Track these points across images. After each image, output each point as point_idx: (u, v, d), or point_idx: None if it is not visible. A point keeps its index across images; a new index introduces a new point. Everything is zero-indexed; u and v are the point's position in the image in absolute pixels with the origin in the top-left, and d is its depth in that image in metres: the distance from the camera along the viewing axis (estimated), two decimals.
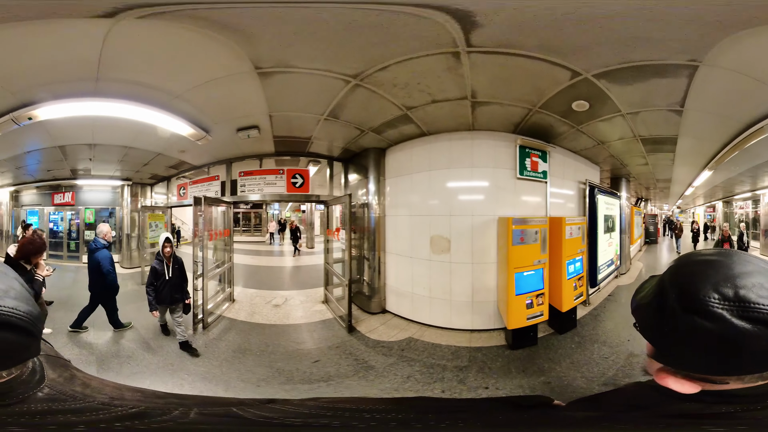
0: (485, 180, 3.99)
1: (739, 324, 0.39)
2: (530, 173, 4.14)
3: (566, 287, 3.88)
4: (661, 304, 0.44)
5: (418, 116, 3.28)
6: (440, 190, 4.00)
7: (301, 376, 2.79)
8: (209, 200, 4.30)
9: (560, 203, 4.61)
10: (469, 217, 3.86)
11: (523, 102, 3.05)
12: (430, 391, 2.66)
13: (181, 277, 3.50)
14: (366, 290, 4.42)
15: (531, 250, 3.64)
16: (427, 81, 2.50)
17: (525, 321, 3.49)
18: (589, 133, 3.87)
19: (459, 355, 3.27)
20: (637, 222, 9.72)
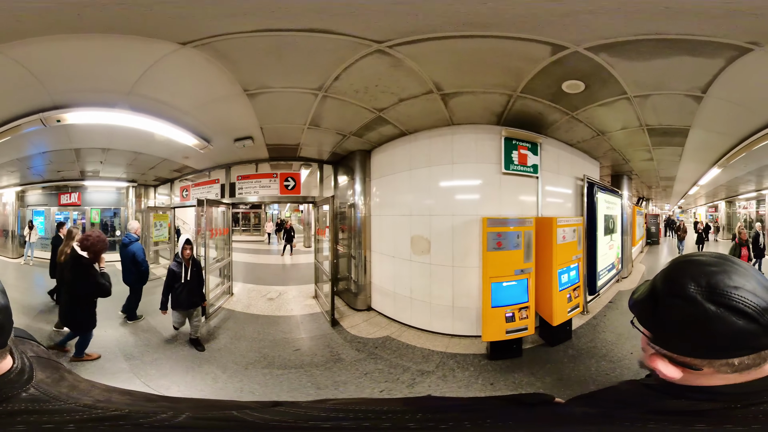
0: (466, 176, 3.88)
1: (708, 306, 0.48)
2: (518, 167, 3.90)
3: (558, 299, 3.58)
4: (654, 292, 0.55)
5: (392, 116, 3.46)
6: (420, 189, 4.06)
7: (281, 361, 3.29)
8: (210, 202, 4.93)
9: (555, 202, 4.39)
10: (450, 217, 3.81)
11: (499, 88, 2.84)
12: (370, 389, 2.81)
13: (199, 280, 3.57)
14: (353, 288, 4.90)
15: (511, 257, 3.38)
16: (384, 81, 2.63)
17: (503, 335, 3.28)
18: (586, 121, 3.58)
19: (429, 359, 3.34)
20: (638, 222, 9.72)
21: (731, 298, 0.48)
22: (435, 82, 2.75)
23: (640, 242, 10.49)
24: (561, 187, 4.56)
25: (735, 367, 0.50)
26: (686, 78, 2.51)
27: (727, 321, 0.47)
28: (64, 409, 0.46)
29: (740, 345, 0.48)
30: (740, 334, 0.47)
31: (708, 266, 0.52)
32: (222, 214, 5.80)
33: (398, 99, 3.03)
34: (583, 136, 4.20)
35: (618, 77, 2.54)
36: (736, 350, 0.49)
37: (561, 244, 3.75)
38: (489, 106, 3.29)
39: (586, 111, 3.33)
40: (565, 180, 4.62)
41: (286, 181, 5.06)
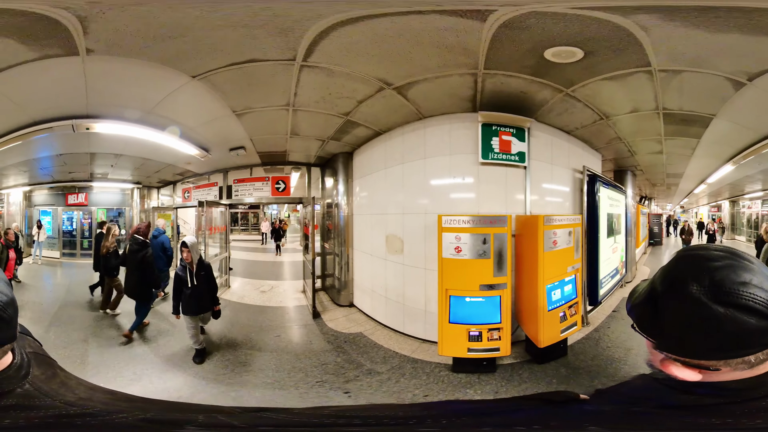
0: (439, 171, 3.93)
1: (715, 307, 0.49)
2: (500, 156, 3.68)
3: (546, 320, 3.23)
4: (653, 294, 0.57)
5: (360, 118, 3.90)
6: (394, 187, 4.39)
7: (261, 344, 4.16)
8: (210, 203, 5.92)
9: (549, 198, 4.20)
10: (422, 215, 3.98)
11: (452, 68, 2.77)
12: (311, 378, 3.24)
13: (208, 285, 3.71)
14: (336, 284, 5.75)
15: (475, 268, 3.09)
16: (334, 89, 3.09)
17: (465, 352, 3.11)
18: (586, 99, 3.28)
19: (387, 361, 3.62)
20: (642, 222, 9.93)
21: (740, 296, 0.49)
22: (380, 78, 2.98)
23: (643, 243, 10.82)
24: (556, 181, 4.27)
25: (751, 364, 0.52)
26: (736, 57, 2.24)
27: (738, 321, 0.49)
28: (50, 405, 0.51)
29: (755, 343, 0.50)
30: (753, 333, 0.49)
31: (711, 261, 0.53)
32: (221, 214, 6.81)
33: (356, 101, 3.46)
34: (583, 121, 3.86)
35: (648, 44, 2.18)
36: (751, 348, 0.50)
37: (551, 252, 3.31)
38: (455, 91, 3.21)
39: (587, 87, 2.98)
40: (560, 172, 4.32)
41: (277, 184, 6.00)
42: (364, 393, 3.07)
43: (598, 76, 2.86)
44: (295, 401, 2.99)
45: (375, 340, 4.18)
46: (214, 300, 3.82)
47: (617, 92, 3.16)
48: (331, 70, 2.78)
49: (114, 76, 2.92)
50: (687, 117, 3.67)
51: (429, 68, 2.80)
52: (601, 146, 4.98)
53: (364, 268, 5.26)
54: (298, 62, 2.64)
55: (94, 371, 3.48)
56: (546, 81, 3.00)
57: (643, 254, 11.00)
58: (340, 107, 3.60)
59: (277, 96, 3.29)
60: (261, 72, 2.81)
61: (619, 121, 3.95)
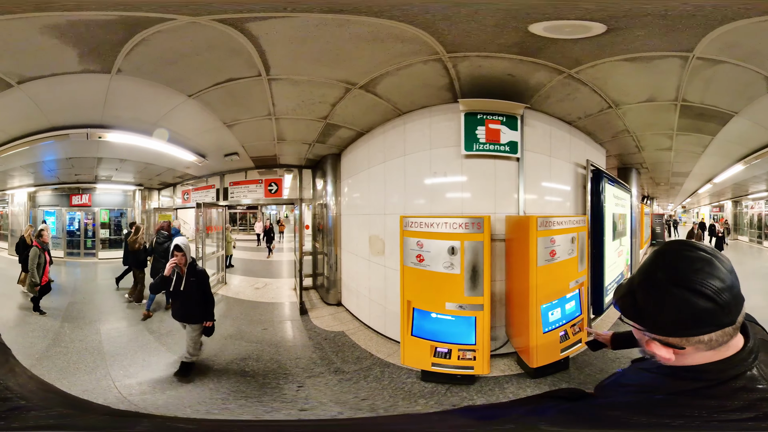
0: (419, 167, 4.00)
1: (673, 290, 0.70)
2: (487, 146, 3.56)
3: (540, 342, 3.12)
4: (631, 286, 0.79)
5: (339, 120, 4.41)
6: (377, 187, 4.74)
7: (249, 336, 4.96)
8: (208, 204, 6.80)
9: (549, 196, 4.14)
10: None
11: (416, 55, 2.83)
12: (280, 370, 3.66)
13: (199, 294, 3.68)
14: (325, 283, 6.51)
15: (440, 282, 2.99)
16: (305, 96, 3.60)
17: (429, 366, 3.10)
18: (594, 83, 3.15)
19: (359, 362, 3.97)
20: (645, 222, 10.29)
21: (692, 281, 0.68)
22: (341, 79, 3.37)
23: (646, 244, 11.17)
24: (556, 176, 4.18)
25: (708, 344, 0.71)
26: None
27: (691, 302, 0.68)
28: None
29: (705, 323, 0.69)
30: (703, 313, 0.68)
31: (677, 254, 0.74)
32: (218, 214, 7.71)
33: (330, 105, 3.91)
34: (587, 109, 3.77)
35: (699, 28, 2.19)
36: (703, 327, 0.69)
37: (548, 266, 3.12)
38: (427, 80, 3.25)
39: (597, 68, 2.84)
40: (561, 167, 4.23)
41: (269, 186, 6.84)
42: (319, 388, 3.45)
43: (619, 55, 2.66)
44: (253, 390, 3.46)
45: (354, 340, 4.70)
46: (207, 314, 3.73)
47: (635, 77, 2.98)
48: (293, 79, 3.39)
49: (130, 93, 3.68)
50: (706, 111, 3.64)
51: (384, 61, 2.91)
52: (605, 140, 4.87)
53: (350, 268, 5.90)
54: (264, 77, 3.31)
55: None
56: (540, 61, 2.83)
57: (645, 255, 11.24)
58: (317, 112, 4.21)
59: (259, 107, 4.12)
60: (239, 88, 3.61)
61: (630, 110, 3.79)
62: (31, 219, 10.34)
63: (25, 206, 10.21)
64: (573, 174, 4.42)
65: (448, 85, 3.43)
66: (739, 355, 0.72)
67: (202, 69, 3.25)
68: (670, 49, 2.60)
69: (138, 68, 3.11)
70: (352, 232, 5.93)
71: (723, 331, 0.70)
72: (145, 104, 3.98)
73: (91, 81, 3.35)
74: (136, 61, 3.00)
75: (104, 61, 3.00)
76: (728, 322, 0.69)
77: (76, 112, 4.19)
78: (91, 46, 2.78)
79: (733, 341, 0.72)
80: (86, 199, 10.31)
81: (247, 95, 3.74)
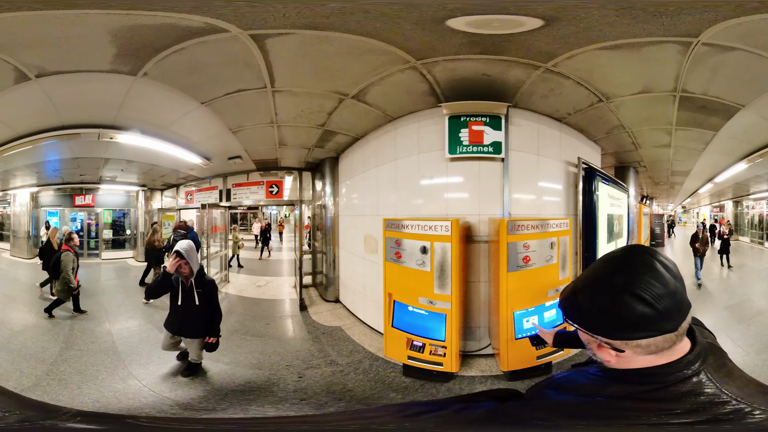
0: (408, 171, 4.17)
1: (615, 295, 0.71)
2: (470, 149, 3.65)
3: (512, 348, 3.20)
4: (575, 290, 0.80)
5: (335, 127, 4.73)
6: (370, 190, 5.03)
7: (253, 331, 5.28)
8: (211, 205, 7.10)
9: (536, 196, 4.14)
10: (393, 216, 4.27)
11: (393, 65, 2.97)
12: (283, 362, 3.89)
13: (208, 310, 3.44)
14: (324, 281, 6.81)
15: (414, 278, 3.19)
16: (303, 106, 3.95)
17: (406, 359, 3.31)
18: (578, 75, 3.06)
19: (351, 355, 4.22)
20: (644, 223, 9.99)
21: (632, 286, 0.69)
22: (335, 91, 3.66)
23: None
24: (545, 175, 4.16)
25: (647, 349, 0.71)
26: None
27: (628, 305, 0.69)
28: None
29: (643, 327, 0.70)
30: (641, 318, 0.69)
31: (621, 259, 0.77)
32: (221, 214, 8.00)
33: (326, 114, 4.27)
34: (576, 104, 3.69)
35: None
36: (641, 332, 0.70)
37: (520, 273, 3.14)
38: (410, 87, 3.41)
39: (576, 59, 2.75)
40: (550, 165, 4.19)
41: (270, 188, 7.14)
42: (315, 379, 3.75)
43: (594, 44, 2.54)
44: (262, 381, 3.74)
45: (350, 334, 4.99)
46: (211, 329, 3.49)
47: (624, 66, 2.85)
48: (293, 91, 3.72)
49: (148, 97, 3.81)
50: (709, 104, 3.41)
51: (367, 73, 3.15)
52: (600, 137, 4.74)
53: (348, 266, 6.22)
54: (269, 89, 3.65)
55: None
56: (509, 58, 2.82)
57: None
58: (315, 120, 4.59)
59: (262, 116, 4.47)
60: (247, 98, 3.93)
61: (623, 104, 3.60)
62: (34, 219, 10.47)
63: (27, 206, 10.32)
64: (564, 173, 4.32)
65: (429, 90, 3.55)
66: (685, 359, 0.72)
67: (218, 79, 3.54)
68: (668, 34, 2.43)
69: (163, 74, 3.26)
70: (348, 231, 6.25)
71: (664, 337, 0.71)
72: (160, 108, 4.20)
73: (114, 81, 3.40)
74: (165, 68, 3.14)
75: (136, 64, 3.08)
76: (669, 328, 0.70)
77: (91, 111, 4.23)
78: (131, 48, 2.84)
79: (679, 346, 0.74)
80: (89, 199, 10.43)
81: (253, 104, 4.06)
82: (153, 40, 2.75)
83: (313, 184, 7.22)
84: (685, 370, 0.71)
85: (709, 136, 4.47)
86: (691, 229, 21.68)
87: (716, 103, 3.45)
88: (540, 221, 3.42)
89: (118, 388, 3.52)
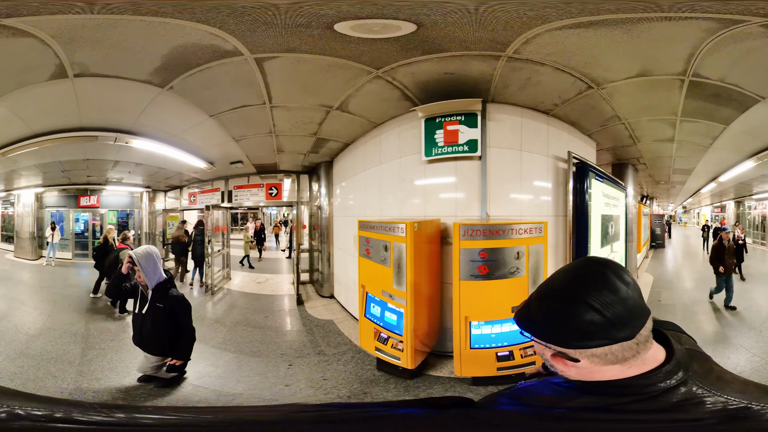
0: (392, 175, 4.35)
1: (563, 303, 0.71)
2: (445, 150, 3.63)
3: (466, 358, 3.19)
4: (528, 300, 0.79)
5: (327, 135, 5.17)
6: (359, 193, 5.41)
7: (254, 323, 5.74)
8: (214, 207, 7.59)
9: (522, 196, 3.94)
10: (377, 218, 4.49)
11: (361, 75, 3.14)
12: (278, 351, 4.28)
13: (166, 324, 3.17)
14: (320, 278, 7.27)
15: (378, 272, 3.41)
16: (296, 118, 4.43)
17: (374, 351, 3.49)
18: (553, 60, 2.82)
19: (338, 347, 4.55)
20: (643, 224, 9.53)
21: (580, 293, 0.69)
22: (321, 104, 4.06)
23: (644, 247, 10.51)
24: (529, 172, 3.92)
25: (604, 359, 0.69)
26: None
27: (575, 313, 0.68)
28: None
29: (595, 335, 0.68)
30: (590, 325, 0.67)
31: (574, 268, 0.78)
32: (222, 215, 8.49)
33: (317, 124, 4.76)
34: (562, 93, 3.40)
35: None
36: (593, 340, 0.68)
37: (476, 282, 3.06)
38: (382, 95, 3.61)
39: (539, 41, 2.51)
40: (535, 161, 3.96)
41: (270, 190, 7.63)
42: (303, 368, 4.06)
43: (552, 23, 2.26)
44: (261, 367, 4.08)
45: (340, 328, 5.37)
46: (175, 350, 3.22)
47: (615, 45, 2.49)
48: (288, 106, 4.24)
49: (167, 108, 4.13)
50: (721, 92, 3.05)
51: (342, 86, 3.40)
52: (594, 130, 4.39)
53: (341, 264, 6.68)
54: (267, 104, 4.14)
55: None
56: (458, 53, 2.73)
57: (645, 258, 11.19)
58: (308, 130, 5.09)
59: (262, 127, 4.98)
60: (249, 112, 4.43)
61: (616, 90, 3.25)
62: (38, 219, 10.69)
63: (32, 207, 10.57)
64: (552, 169, 4.05)
65: (402, 95, 3.62)
66: (663, 369, 0.69)
67: (227, 96, 3.99)
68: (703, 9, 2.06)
69: (185, 89, 3.63)
70: (341, 231, 6.73)
71: (621, 346, 0.68)
72: (175, 119, 4.63)
73: (143, 91, 3.62)
74: (189, 83, 3.48)
75: (167, 77, 3.35)
76: (623, 336, 0.68)
77: (112, 115, 4.41)
78: (172, 64, 3.08)
79: (649, 355, 0.71)
80: (94, 200, 10.71)
81: (254, 117, 4.56)
82: (190, 59, 3.02)
83: (310, 186, 7.70)
84: (668, 380, 0.68)
85: (718, 130, 4.00)
86: (692, 230, 20.22)
87: (733, 91, 3.02)
88: (501, 225, 3.16)
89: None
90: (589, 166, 4.16)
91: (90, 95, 3.78)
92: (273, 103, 4.08)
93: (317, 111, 4.34)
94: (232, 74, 3.44)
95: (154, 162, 7.29)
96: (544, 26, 2.39)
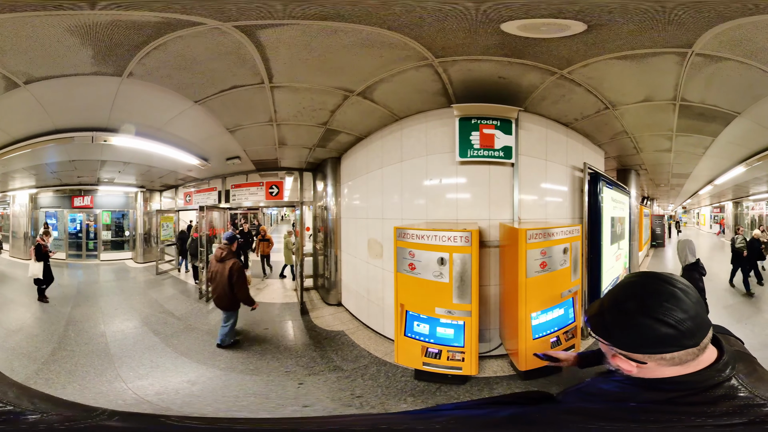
0: (415, 174, 4.14)
1: (640, 319, 0.82)
2: (481, 153, 3.65)
3: (530, 348, 3.26)
4: (602, 309, 0.90)
5: (338, 126, 4.60)
6: (375, 192, 4.95)
7: (253, 336, 5.11)
8: (210, 207, 7.01)
9: (544, 199, 4.20)
10: (398, 221, 4.33)
11: (407, 62, 2.95)
12: (282, 368, 3.91)
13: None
14: (326, 284, 6.70)
15: (429, 289, 3.22)
16: (305, 103, 3.84)
17: (420, 365, 3.38)
18: (589, 83, 3.18)
19: (356, 360, 4.20)
20: (644, 223, 10.14)
21: (657, 312, 0.80)
22: (339, 87, 3.56)
23: (645, 246, 11.18)
24: (552, 180, 4.25)
25: (670, 361, 0.81)
26: None
27: (654, 328, 0.79)
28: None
29: (667, 344, 0.80)
30: (664, 338, 0.79)
31: (644, 287, 0.86)
32: (219, 216, 7.92)
33: (329, 111, 4.16)
34: (584, 110, 3.82)
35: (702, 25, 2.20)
36: (664, 348, 0.80)
37: (538, 278, 3.28)
38: (421, 86, 3.40)
39: (590, 67, 2.86)
40: (557, 170, 4.31)
41: (270, 189, 7.03)
42: (316, 386, 3.68)
43: (608, 54, 2.66)
44: (260, 386, 3.68)
45: (354, 339, 4.89)
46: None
47: (631, 76, 2.97)
48: (294, 87, 3.60)
49: (138, 98, 3.76)
50: (706, 112, 3.60)
51: (377, 68, 3.12)
52: (604, 141, 4.89)
53: (350, 269, 6.13)
54: (267, 84, 3.51)
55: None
56: (528, 62, 2.86)
57: (646, 257, 11.44)
58: (317, 118, 4.46)
59: (260, 114, 4.32)
60: (243, 96, 3.79)
61: (627, 111, 3.78)
62: (32, 220, 10.59)
63: (26, 207, 10.45)
64: (570, 177, 4.48)
65: (441, 90, 3.54)
66: (714, 367, 0.80)
67: (211, 76, 3.41)
68: (666, 45, 2.53)
69: (150, 73, 3.22)
70: (350, 234, 6.14)
71: (686, 351, 0.79)
72: (152, 109, 4.12)
73: (100, 84, 3.41)
74: (149, 66, 3.11)
75: (118, 64, 3.08)
76: (691, 344, 0.80)
77: (83, 114, 4.26)
78: (108, 47, 2.81)
79: (704, 357, 0.82)
80: (88, 200, 10.52)
81: (250, 102, 3.93)
82: (123, 39, 2.68)
83: (314, 185, 7.10)
84: (716, 377, 0.79)
85: (708, 141, 4.65)
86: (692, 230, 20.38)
87: (714, 111, 3.61)
88: (555, 229, 3.52)
89: (101, 389, 3.57)
90: (601, 175, 4.68)
91: (51, 98, 3.65)
92: (274, 83, 3.45)
93: (332, 95, 3.72)
94: (210, 49, 2.86)
95: (142, 160, 6.72)
96: (605, 56, 2.73)
